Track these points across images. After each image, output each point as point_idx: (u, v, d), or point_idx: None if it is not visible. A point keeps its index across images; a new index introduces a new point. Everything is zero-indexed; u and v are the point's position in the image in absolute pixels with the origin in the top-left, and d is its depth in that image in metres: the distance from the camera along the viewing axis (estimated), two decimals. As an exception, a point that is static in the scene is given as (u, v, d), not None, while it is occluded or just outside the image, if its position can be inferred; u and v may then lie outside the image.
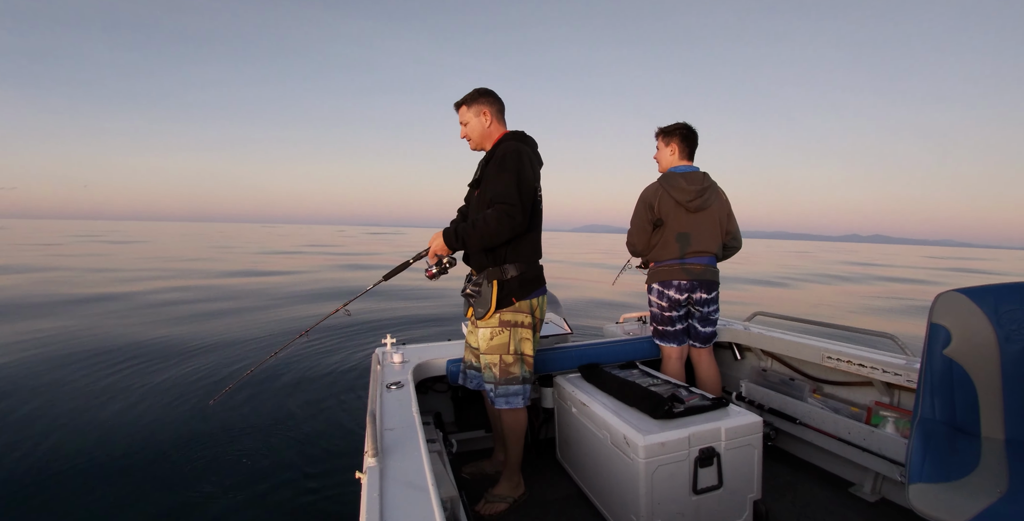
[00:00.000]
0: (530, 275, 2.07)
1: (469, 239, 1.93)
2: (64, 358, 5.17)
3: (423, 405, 1.97)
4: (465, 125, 2.13)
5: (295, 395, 4.14)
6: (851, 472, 2.31)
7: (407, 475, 1.24)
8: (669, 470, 1.77)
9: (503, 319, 2.05)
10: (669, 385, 2.19)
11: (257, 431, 3.46)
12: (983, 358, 1.50)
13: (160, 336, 6.07)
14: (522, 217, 1.89)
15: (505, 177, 1.90)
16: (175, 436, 3.36)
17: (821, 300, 8.92)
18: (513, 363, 2.08)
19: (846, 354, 2.27)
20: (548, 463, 2.52)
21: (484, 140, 2.13)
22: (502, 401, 2.11)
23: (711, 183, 2.55)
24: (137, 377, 4.56)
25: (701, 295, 2.54)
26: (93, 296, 9.19)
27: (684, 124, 2.58)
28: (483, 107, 2.09)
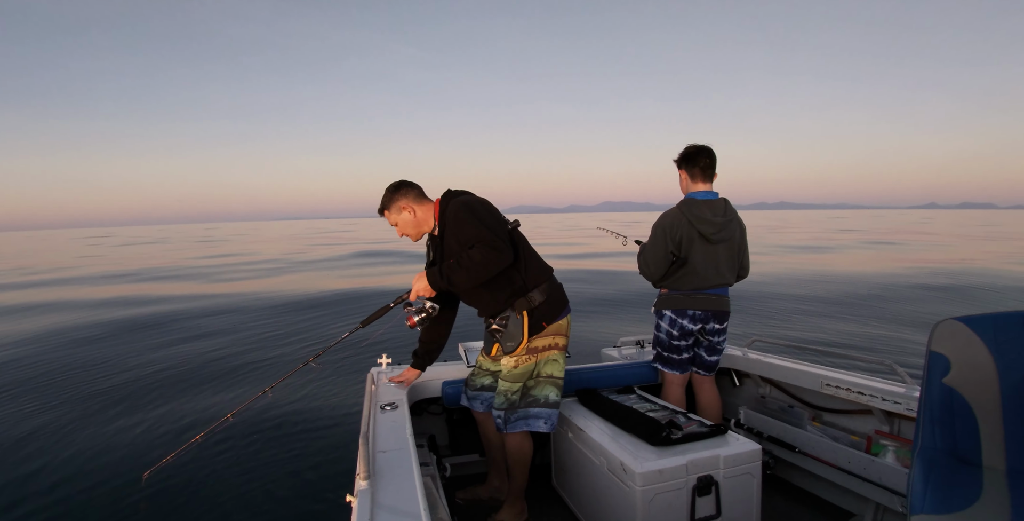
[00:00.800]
0: (555, 296, 2.05)
1: (455, 277, 1.86)
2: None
3: (417, 427, 1.94)
4: (396, 226, 2.09)
5: (285, 413, 4.08)
6: (851, 502, 2.26)
7: (399, 500, 1.22)
8: (667, 499, 1.74)
9: (530, 347, 2.01)
10: (667, 411, 2.16)
11: (244, 451, 3.40)
12: (983, 387, 1.49)
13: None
14: (505, 248, 1.85)
15: (469, 224, 1.87)
16: (140, 460, 3.27)
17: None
18: (535, 387, 2.06)
19: (845, 382, 2.25)
20: (544, 490, 2.48)
21: (421, 227, 2.08)
22: (513, 426, 2.05)
23: (733, 213, 2.47)
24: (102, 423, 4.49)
25: (714, 325, 2.49)
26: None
27: (692, 146, 2.48)
28: (400, 202, 2.05)
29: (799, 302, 8.99)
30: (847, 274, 12.88)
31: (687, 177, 2.50)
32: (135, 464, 3.24)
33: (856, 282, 11.25)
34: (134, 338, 6.98)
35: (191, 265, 18.98)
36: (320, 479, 3.04)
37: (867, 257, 17.96)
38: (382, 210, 2.10)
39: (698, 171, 2.46)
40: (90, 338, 7.02)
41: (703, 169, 2.45)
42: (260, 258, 21.24)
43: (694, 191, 2.48)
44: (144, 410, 4.24)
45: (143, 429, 3.85)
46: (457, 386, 2.36)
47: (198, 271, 16.59)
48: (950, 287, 10.46)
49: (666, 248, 2.43)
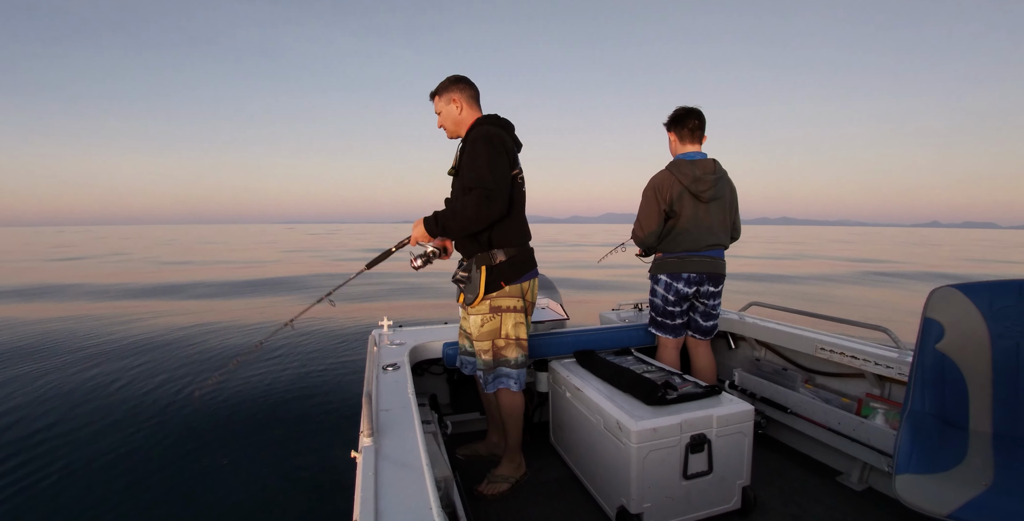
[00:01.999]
0: (520, 258, 2.06)
1: (448, 226, 1.92)
2: (43, 349, 5.17)
3: (419, 387, 1.99)
4: (439, 114, 2.10)
5: (292, 375, 4.17)
6: (839, 461, 2.34)
7: (402, 455, 1.25)
8: (660, 455, 1.79)
9: (493, 305, 2.05)
10: (663, 372, 2.20)
11: (252, 412, 3.49)
12: (975, 353, 1.52)
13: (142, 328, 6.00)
14: (501, 200, 1.87)
15: (478, 162, 1.88)
16: (163, 424, 3.36)
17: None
18: (505, 347, 2.09)
19: (839, 346, 2.28)
20: (542, 446, 2.55)
21: (458, 127, 2.09)
22: (492, 386, 2.13)
23: (723, 172, 2.46)
24: (121, 373, 4.57)
25: (708, 288, 2.50)
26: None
27: (680, 108, 2.46)
28: (453, 94, 2.06)
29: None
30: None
31: (676, 139, 2.50)
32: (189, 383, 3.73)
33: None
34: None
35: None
36: (326, 436, 3.13)
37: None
38: (434, 95, 2.11)
39: (687, 132, 2.46)
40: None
41: (691, 130, 2.45)
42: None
43: (683, 152, 2.48)
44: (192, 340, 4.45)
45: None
46: (457, 347, 2.40)
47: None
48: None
49: (658, 207, 2.43)
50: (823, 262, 18.66)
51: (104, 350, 5.00)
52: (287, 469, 2.78)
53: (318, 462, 2.85)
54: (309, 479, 2.69)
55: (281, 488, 2.62)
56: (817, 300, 7.39)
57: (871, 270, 14.93)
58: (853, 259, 20.85)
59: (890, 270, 15.25)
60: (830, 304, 6.99)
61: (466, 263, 2.09)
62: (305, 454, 2.93)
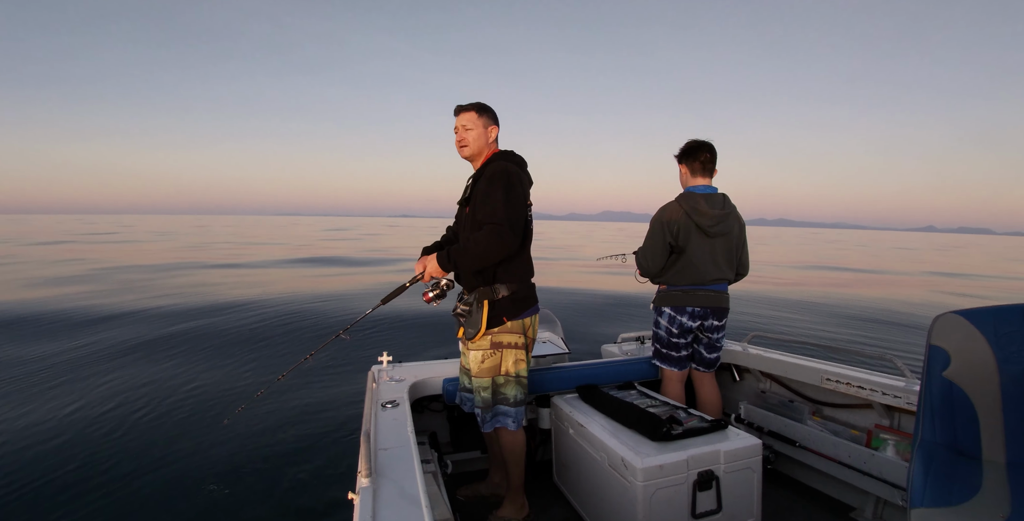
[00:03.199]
0: (522, 294, 2.05)
1: (461, 261, 1.92)
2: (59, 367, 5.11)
3: (418, 424, 1.95)
4: (468, 130, 2.08)
5: (287, 412, 4.09)
6: (852, 496, 2.27)
7: (401, 496, 1.22)
8: (667, 493, 1.74)
9: (494, 341, 2.03)
10: (667, 406, 2.17)
11: (243, 450, 3.40)
12: (983, 380, 1.50)
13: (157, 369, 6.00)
14: (514, 237, 1.88)
15: (495, 197, 1.89)
16: (134, 454, 3.32)
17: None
18: (504, 384, 2.06)
19: (845, 376, 2.25)
20: (545, 485, 2.48)
21: (480, 153, 2.11)
22: (490, 424, 2.09)
23: (732, 208, 2.47)
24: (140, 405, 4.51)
25: (712, 322, 2.49)
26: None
27: (692, 141, 2.48)
28: (493, 125, 2.10)
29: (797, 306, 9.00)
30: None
31: (687, 172, 2.51)
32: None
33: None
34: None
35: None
36: (322, 477, 3.04)
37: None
38: (471, 110, 2.09)
39: (698, 166, 2.46)
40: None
41: (703, 163, 2.45)
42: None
43: (693, 185, 2.48)
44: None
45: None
46: (457, 383, 2.37)
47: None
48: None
49: (664, 239, 2.43)
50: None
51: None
52: (280, 510, 2.69)
53: (313, 504, 2.76)
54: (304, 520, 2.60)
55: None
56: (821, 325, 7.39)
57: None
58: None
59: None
60: (832, 328, 6.99)
61: (467, 297, 2.08)
62: (300, 494, 2.84)
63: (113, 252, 20.39)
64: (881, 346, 5.97)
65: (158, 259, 17.20)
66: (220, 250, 21.92)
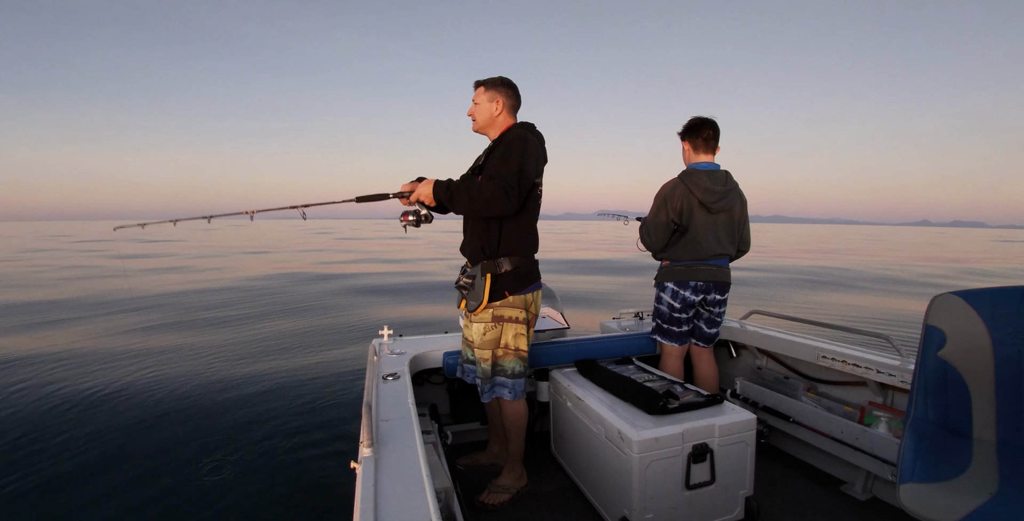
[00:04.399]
0: (525, 269, 2.06)
1: (457, 198, 1.89)
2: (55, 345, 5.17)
3: (419, 397, 1.98)
4: (476, 104, 2.09)
5: (291, 385, 4.15)
6: (843, 471, 2.32)
7: (402, 466, 1.25)
8: (662, 465, 1.78)
9: (496, 314, 2.04)
10: (664, 381, 2.19)
11: (249, 419, 3.47)
12: (977, 361, 1.51)
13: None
14: (516, 198, 1.86)
15: (510, 159, 1.89)
16: (164, 423, 3.37)
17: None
18: (504, 356, 2.09)
19: (841, 354, 2.28)
20: (543, 456, 2.53)
21: (487, 126, 2.09)
22: (488, 395, 2.12)
23: (734, 184, 2.48)
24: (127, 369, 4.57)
25: (715, 296, 2.51)
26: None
27: (696, 118, 2.48)
28: (498, 95, 2.06)
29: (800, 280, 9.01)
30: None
31: (690, 148, 2.51)
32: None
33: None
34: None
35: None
36: (326, 447, 3.11)
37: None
38: (480, 84, 2.09)
39: (700, 142, 2.47)
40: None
41: (705, 140, 2.46)
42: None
43: (696, 162, 2.49)
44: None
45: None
46: (457, 356, 2.39)
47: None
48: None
49: (667, 216, 2.45)
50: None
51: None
52: (286, 479, 2.76)
53: (317, 473, 2.83)
54: (308, 490, 2.67)
55: (279, 499, 2.60)
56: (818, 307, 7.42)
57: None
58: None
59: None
60: (830, 308, 7.02)
61: (471, 269, 2.08)
62: (304, 464, 2.91)
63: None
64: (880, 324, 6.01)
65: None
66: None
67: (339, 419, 3.50)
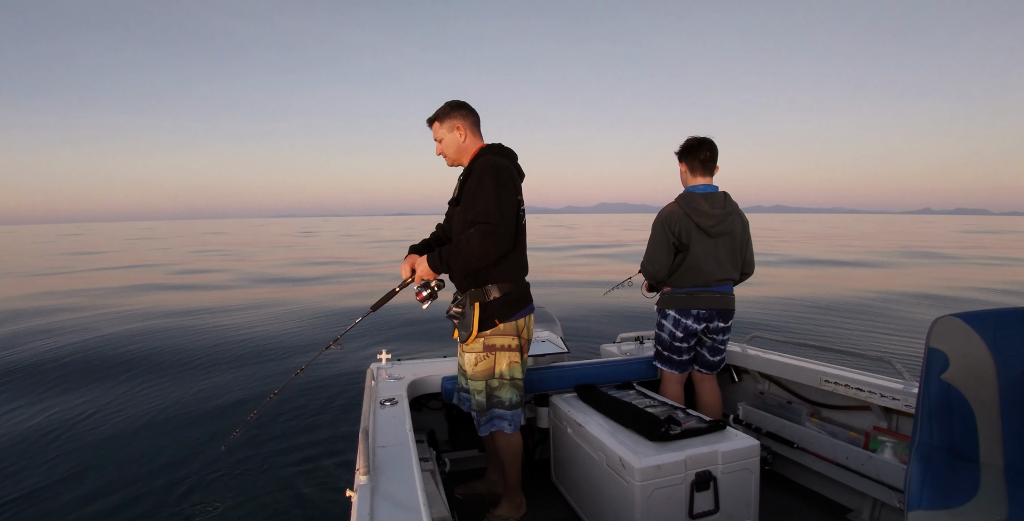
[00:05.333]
0: (515, 295, 2.01)
1: (453, 263, 1.87)
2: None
3: (417, 422, 1.95)
4: (440, 141, 2.07)
5: (285, 408, 4.09)
6: (849, 498, 2.27)
7: (398, 494, 1.22)
8: (665, 494, 1.75)
9: (487, 343, 2.00)
10: (666, 407, 2.17)
11: (241, 443, 3.40)
12: (981, 383, 1.50)
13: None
14: (506, 236, 1.84)
15: (485, 195, 1.85)
16: (145, 454, 3.31)
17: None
18: (499, 387, 2.04)
19: (844, 378, 2.25)
20: (542, 484, 2.48)
21: (460, 155, 2.07)
22: (485, 428, 2.07)
23: (733, 206, 2.44)
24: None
25: (718, 324, 2.46)
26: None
27: (692, 138, 2.44)
28: (456, 121, 2.03)
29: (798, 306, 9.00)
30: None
31: (687, 170, 2.47)
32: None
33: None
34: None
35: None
36: (321, 474, 3.05)
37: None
38: (433, 121, 2.06)
39: (698, 164, 2.42)
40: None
41: (703, 162, 2.42)
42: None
43: (693, 184, 2.45)
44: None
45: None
46: (456, 382, 2.37)
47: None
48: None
49: (667, 240, 2.39)
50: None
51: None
52: (278, 507, 2.69)
53: (311, 500, 2.76)
54: (302, 518, 2.61)
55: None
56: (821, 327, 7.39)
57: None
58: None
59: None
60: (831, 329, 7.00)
61: (460, 298, 2.05)
62: (298, 492, 2.84)
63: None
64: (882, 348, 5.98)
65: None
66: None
67: (334, 445, 3.44)
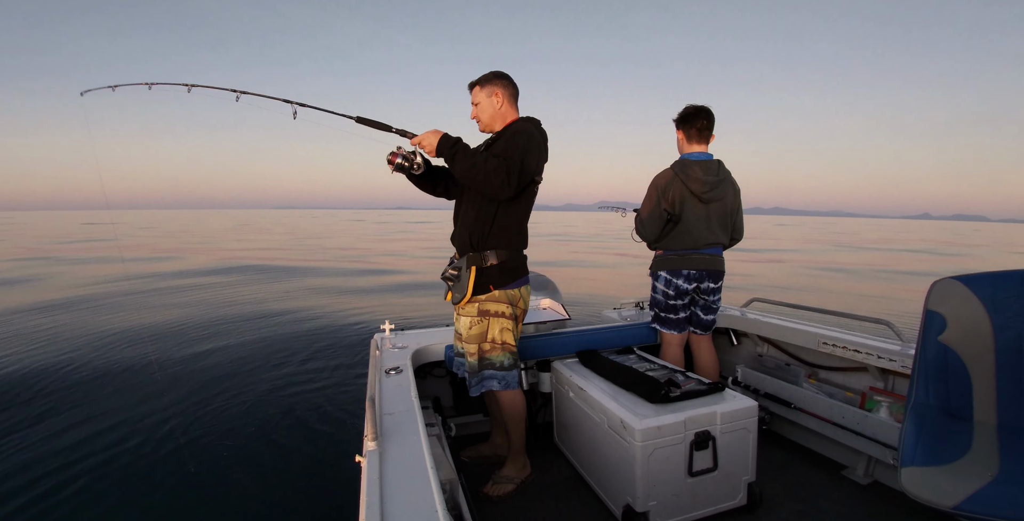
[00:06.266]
0: (512, 264, 2.03)
1: (459, 158, 1.85)
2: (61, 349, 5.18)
3: (422, 390, 1.99)
4: (476, 105, 2.07)
5: (294, 379, 4.16)
6: (844, 455, 2.34)
7: (406, 458, 1.25)
8: (665, 453, 1.79)
9: (481, 308, 2.02)
10: (666, 370, 2.20)
11: (255, 417, 3.48)
12: (978, 345, 1.52)
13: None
14: (514, 183, 1.84)
15: (514, 147, 1.86)
16: (165, 426, 3.38)
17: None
18: (491, 350, 2.07)
19: (842, 340, 2.28)
20: (546, 447, 2.55)
21: (494, 121, 2.06)
22: (476, 389, 2.10)
23: (726, 174, 2.49)
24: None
25: (708, 284, 2.53)
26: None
27: (690, 106, 2.48)
28: (496, 89, 2.04)
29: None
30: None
31: (683, 138, 2.52)
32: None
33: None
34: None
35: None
36: (331, 441, 3.13)
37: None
38: (474, 85, 2.07)
39: (694, 132, 2.48)
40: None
41: (699, 130, 2.48)
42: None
43: (689, 152, 2.51)
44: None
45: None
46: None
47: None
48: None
49: (659, 206, 2.48)
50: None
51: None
52: (291, 474, 2.78)
53: (322, 467, 2.84)
54: (314, 484, 2.69)
55: (286, 493, 2.62)
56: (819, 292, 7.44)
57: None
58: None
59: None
60: (830, 295, 7.03)
61: (457, 260, 2.07)
62: (309, 459, 2.93)
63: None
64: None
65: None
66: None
67: (343, 413, 3.52)
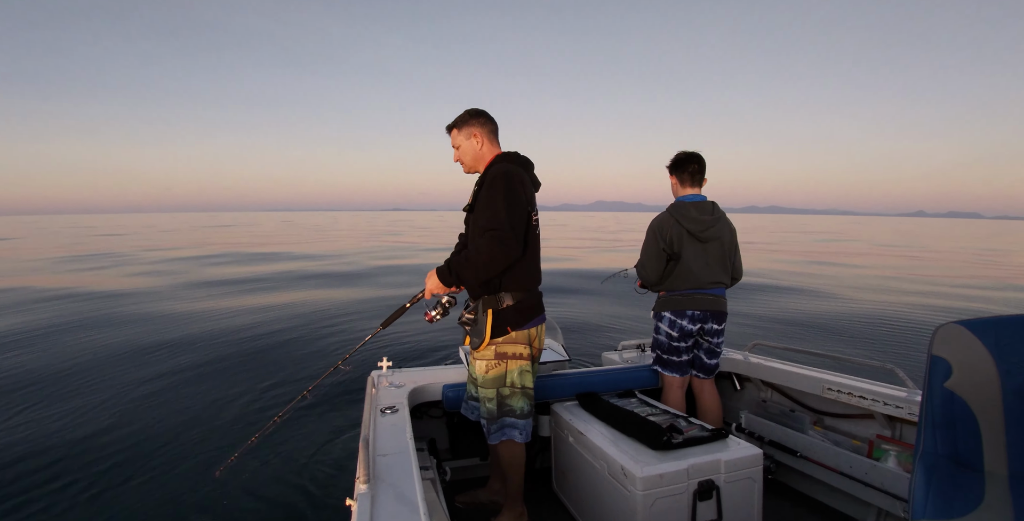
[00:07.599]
0: (527, 303, 2.03)
1: (464, 273, 1.88)
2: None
3: (417, 431, 1.94)
4: (457, 148, 2.10)
5: (286, 418, 4.06)
6: (853, 507, 2.26)
7: (399, 503, 1.22)
8: (667, 503, 1.73)
9: (499, 351, 2.01)
10: (668, 415, 2.16)
11: (241, 453, 3.38)
12: (984, 392, 1.49)
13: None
14: (515, 243, 1.84)
15: (495, 202, 1.86)
16: (157, 471, 3.30)
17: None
18: (510, 396, 2.04)
19: (847, 386, 2.25)
20: (544, 494, 2.47)
21: (477, 163, 2.09)
22: (496, 437, 2.06)
23: (721, 214, 2.57)
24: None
25: (712, 325, 2.53)
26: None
27: (682, 153, 2.59)
28: (473, 129, 2.06)
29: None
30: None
31: (677, 182, 2.63)
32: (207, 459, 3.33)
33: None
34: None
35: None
36: (321, 483, 3.03)
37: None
38: (451, 128, 2.09)
39: (687, 176, 2.59)
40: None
41: (692, 174, 2.58)
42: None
43: (683, 195, 2.60)
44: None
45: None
46: (457, 390, 2.36)
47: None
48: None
49: (658, 245, 2.54)
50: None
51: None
52: (277, 515, 2.68)
53: (310, 509, 2.74)
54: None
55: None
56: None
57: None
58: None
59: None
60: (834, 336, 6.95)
61: (472, 305, 2.07)
62: (297, 500, 2.82)
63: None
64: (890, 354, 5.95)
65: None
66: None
67: (334, 454, 3.42)
